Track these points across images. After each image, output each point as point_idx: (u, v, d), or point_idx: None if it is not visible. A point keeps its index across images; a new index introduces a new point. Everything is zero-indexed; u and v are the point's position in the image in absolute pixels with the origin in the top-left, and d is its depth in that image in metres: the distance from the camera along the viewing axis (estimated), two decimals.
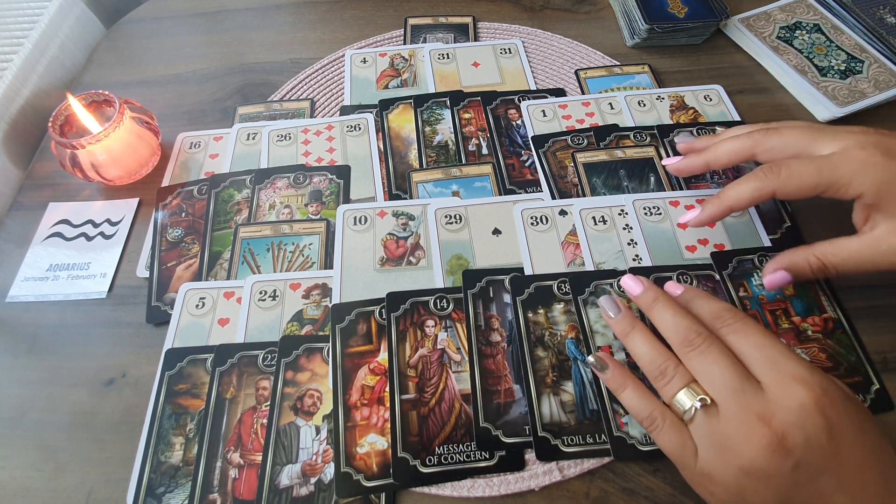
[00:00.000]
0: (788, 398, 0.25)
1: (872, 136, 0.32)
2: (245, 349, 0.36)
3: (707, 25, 0.52)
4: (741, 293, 0.37)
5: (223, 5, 0.61)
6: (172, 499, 0.32)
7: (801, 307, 0.37)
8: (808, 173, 0.32)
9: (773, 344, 0.27)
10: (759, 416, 0.25)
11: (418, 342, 0.36)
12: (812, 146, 0.33)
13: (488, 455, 0.32)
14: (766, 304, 0.37)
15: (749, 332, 0.28)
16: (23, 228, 0.44)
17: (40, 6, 0.55)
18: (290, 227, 0.42)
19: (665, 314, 0.30)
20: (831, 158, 0.32)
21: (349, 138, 0.48)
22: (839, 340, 0.35)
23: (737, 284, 0.37)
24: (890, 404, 0.33)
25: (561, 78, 0.52)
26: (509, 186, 0.44)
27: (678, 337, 0.29)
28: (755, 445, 0.25)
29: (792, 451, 0.24)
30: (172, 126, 0.50)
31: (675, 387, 0.28)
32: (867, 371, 0.35)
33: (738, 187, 0.34)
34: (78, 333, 0.39)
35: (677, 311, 0.30)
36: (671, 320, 0.30)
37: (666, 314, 0.30)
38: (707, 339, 0.28)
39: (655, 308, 0.31)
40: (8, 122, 0.49)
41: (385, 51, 0.54)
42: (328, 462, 0.33)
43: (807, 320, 0.36)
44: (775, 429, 0.24)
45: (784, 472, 0.24)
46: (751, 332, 0.28)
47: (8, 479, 0.34)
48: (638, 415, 0.30)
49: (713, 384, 0.27)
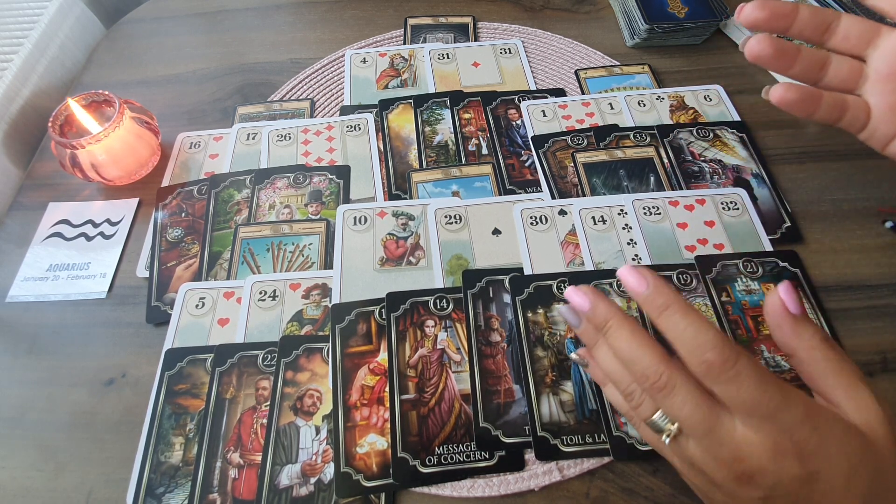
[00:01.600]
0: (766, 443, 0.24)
1: None
2: (245, 349, 0.36)
3: (707, 25, 0.52)
4: (724, 298, 0.37)
5: (223, 5, 0.61)
6: (172, 499, 0.32)
7: None
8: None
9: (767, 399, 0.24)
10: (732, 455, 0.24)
11: (418, 342, 0.36)
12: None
13: (488, 455, 0.32)
14: (749, 309, 0.36)
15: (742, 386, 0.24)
16: (23, 228, 0.44)
17: (40, 6, 0.55)
18: (290, 227, 0.42)
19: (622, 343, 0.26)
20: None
21: (349, 138, 0.48)
22: None
23: (720, 289, 0.37)
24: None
25: (561, 78, 0.52)
26: (509, 186, 0.44)
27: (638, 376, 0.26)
28: (725, 476, 0.24)
29: (761, 486, 0.24)
30: (172, 126, 0.50)
31: (646, 412, 0.26)
32: None
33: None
34: (78, 333, 0.39)
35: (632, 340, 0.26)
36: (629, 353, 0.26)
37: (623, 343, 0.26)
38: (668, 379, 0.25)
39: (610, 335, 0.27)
40: (8, 122, 0.49)
41: (385, 51, 0.54)
42: (328, 462, 0.33)
43: None
44: (745, 469, 0.24)
45: (753, 499, 0.24)
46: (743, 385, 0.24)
47: (8, 479, 0.34)
48: (618, 409, 0.30)
49: (683, 423, 0.25)
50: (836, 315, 0.37)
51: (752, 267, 0.38)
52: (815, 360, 0.25)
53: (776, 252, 0.39)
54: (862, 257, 0.40)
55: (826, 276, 0.39)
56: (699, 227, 0.40)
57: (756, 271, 0.38)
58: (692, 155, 0.45)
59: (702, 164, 0.44)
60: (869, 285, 0.38)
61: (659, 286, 0.26)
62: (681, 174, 0.44)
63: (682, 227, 0.40)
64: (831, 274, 0.39)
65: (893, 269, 0.39)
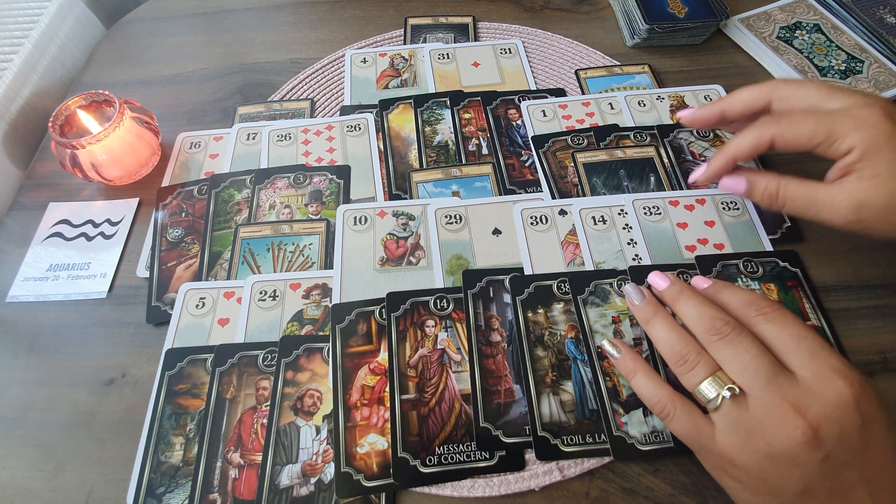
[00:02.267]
0: (827, 391, 0.25)
1: (881, 100, 0.32)
2: (245, 349, 0.36)
3: (707, 25, 0.52)
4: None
5: (223, 5, 0.61)
6: (172, 499, 0.32)
7: None
8: (807, 124, 0.32)
9: (812, 335, 0.27)
10: (795, 406, 0.25)
11: (418, 342, 0.36)
12: (825, 101, 0.33)
13: (488, 455, 0.32)
14: None
15: (787, 322, 0.28)
16: (23, 228, 0.44)
17: (40, 6, 0.55)
18: (290, 227, 0.42)
19: (689, 304, 0.30)
20: (833, 113, 0.32)
21: (349, 138, 0.48)
22: None
23: None
24: None
25: (561, 78, 0.52)
26: (509, 186, 0.44)
27: (703, 326, 0.29)
28: (787, 435, 0.25)
29: (823, 444, 0.24)
30: (172, 126, 0.50)
31: (699, 375, 0.28)
32: None
33: (739, 137, 0.35)
34: (78, 333, 0.39)
35: (702, 302, 0.30)
36: (695, 310, 0.29)
37: (690, 304, 0.30)
38: (735, 327, 0.28)
39: (681, 300, 0.31)
40: (8, 122, 0.49)
41: (385, 51, 0.54)
42: (328, 462, 0.33)
43: None
44: (810, 421, 0.24)
45: (812, 463, 0.24)
46: (789, 321, 0.28)
47: (8, 479, 0.34)
48: (648, 401, 0.30)
49: (744, 373, 0.27)
50: (836, 315, 0.37)
51: (752, 267, 0.38)
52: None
53: (776, 252, 0.39)
54: (862, 257, 0.40)
55: (826, 276, 0.39)
56: (699, 227, 0.40)
57: (756, 271, 0.38)
58: (692, 155, 0.45)
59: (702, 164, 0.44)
60: (869, 285, 0.38)
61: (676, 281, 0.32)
62: (681, 174, 0.44)
63: (683, 227, 0.40)
64: (831, 274, 0.39)
65: (893, 269, 0.39)
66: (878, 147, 0.31)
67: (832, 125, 0.32)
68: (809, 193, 0.33)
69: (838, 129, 0.31)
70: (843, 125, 0.31)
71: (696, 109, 0.38)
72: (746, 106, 0.36)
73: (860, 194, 0.31)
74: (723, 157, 0.36)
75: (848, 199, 0.31)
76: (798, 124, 0.32)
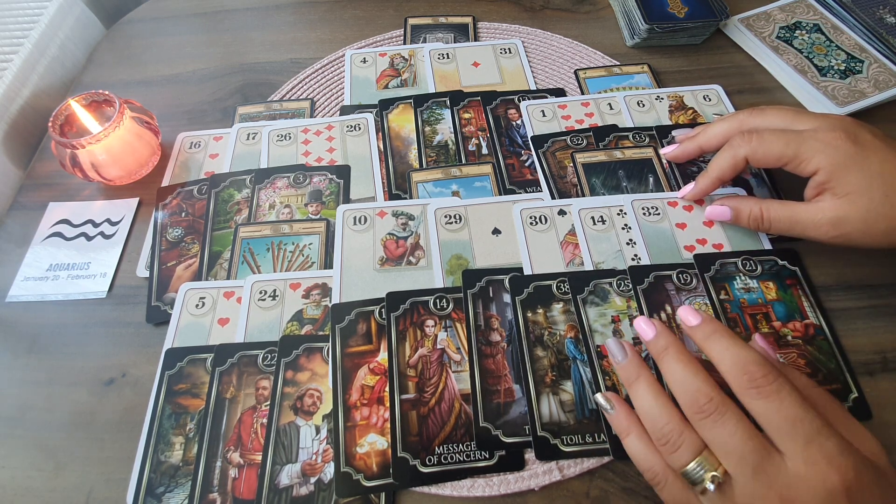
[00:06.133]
0: (816, 481, 0.24)
1: (845, 123, 0.35)
2: (245, 349, 0.36)
3: (707, 25, 0.52)
4: (722, 296, 0.37)
5: (223, 5, 0.61)
6: (172, 498, 0.32)
7: (782, 312, 0.36)
8: (777, 143, 0.35)
9: (810, 417, 0.25)
10: (782, 497, 0.24)
11: (418, 342, 0.36)
12: (791, 126, 0.36)
13: (488, 455, 0.32)
14: (747, 307, 0.36)
15: (784, 401, 0.25)
16: (23, 228, 0.44)
17: (40, 6, 0.56)
18: (290, 227, 0.42)
19: (674, 367, 0.28)
20: (801, 134, 0.35)
21: (349, 138, 0.48)
22: (819, 347, 0.35)
23: (718, 287, 0.37)
24: (868, 413, 0.33)
25: (561, 78, 0.52)
26: (509, 186, 0.44)
27: (686, 399, 0.27)
28: None
29: None
30: (172, 126, 0.50)
31: (683, 458, 0.26)
32: (846, 379, 0.34)
33: (718, 158, 0.37)
34: (78, 333, 0.39)
35: (687, 365, 0.28)
36: (680, 376, 0.28)
37: (675, 367, 0.28)
38: (720, 405, 0.26)
39: (665, 359, 0.29)
40: (8, 122, 0.49)
41: (385, 51, 0.55)
42: (328, 462, 0.33)
43: (787, 325, 0.36)
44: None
45: None
46: (785, 400, 0.25)
47: (8, 479, 0.34)
48: (640, 466, 0.29)
49: (729, 457, 0.25)
50: (836, 315, 0.37)
51: (750, 265, 0.38)
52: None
53: (776, 250, 0.39)
54: (862, 257, 0.39)
55: (826, 276, 0.39)
56: (698, 228, 0.40)
57: (755, 269, 0.38)
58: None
59: (701, 165, 0.44)
60: (869, 285, 0.38)
61: (663, 332, 0.30)
62: (680, 175, 0.44)
63: (681, 227, 0.40)
64: (831, 273, 0.39)
65: (893, 269, 0.39)
66: (843, 167, 0.33)
67: (799, 147, 0.34)
68: (791, 214, 0.35)
69: (805, 151, 0.34)
70: (809, 147, 0.34)
71: (677, 147, 0.41)
72: (721, 140, 0.39)
73: (838, 211, 0.33)
74: (708, 177, 0.38)
75: (827, 217, 0.34)
76: (768, 144, 0.35)
